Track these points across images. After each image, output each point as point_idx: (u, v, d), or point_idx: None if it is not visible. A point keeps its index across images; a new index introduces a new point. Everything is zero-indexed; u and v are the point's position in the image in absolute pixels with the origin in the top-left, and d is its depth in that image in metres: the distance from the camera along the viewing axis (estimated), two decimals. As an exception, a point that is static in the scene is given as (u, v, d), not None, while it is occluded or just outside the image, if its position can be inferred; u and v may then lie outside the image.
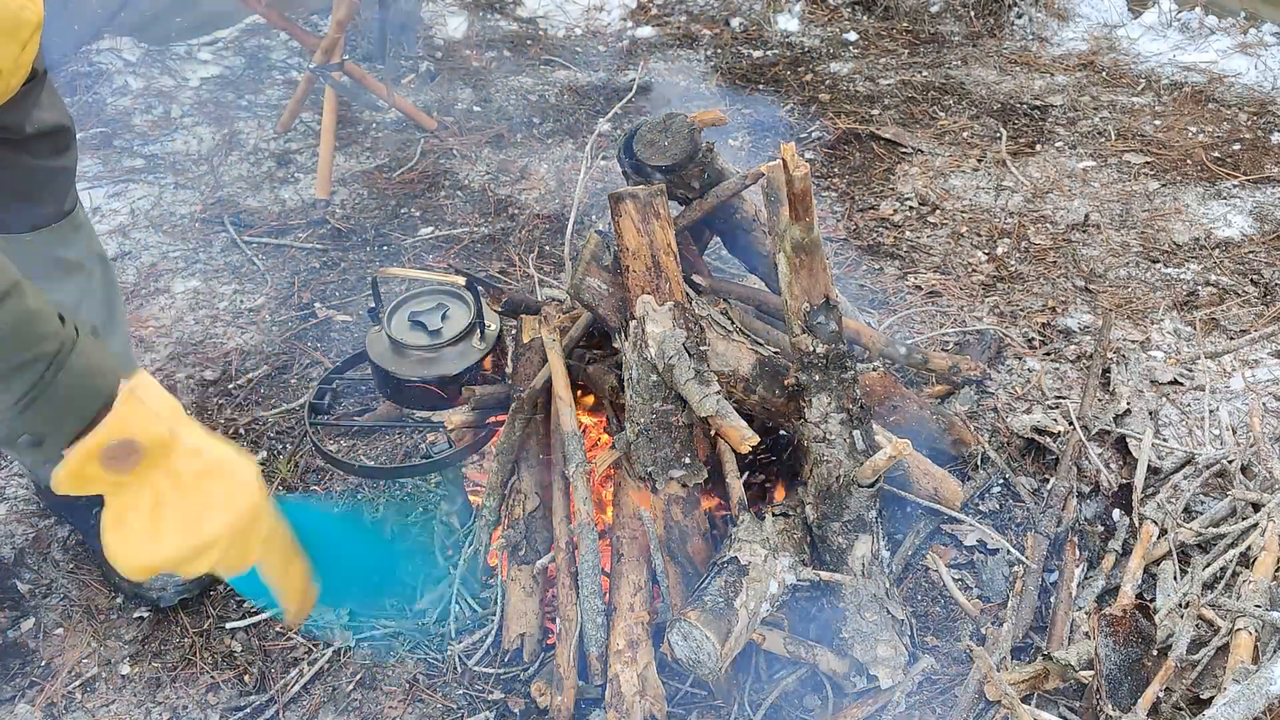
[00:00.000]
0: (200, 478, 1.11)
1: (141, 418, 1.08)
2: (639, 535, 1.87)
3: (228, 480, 1.14)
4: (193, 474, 1.11)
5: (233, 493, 1.13)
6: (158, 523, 1.10)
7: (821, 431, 1.78)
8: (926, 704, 1.80)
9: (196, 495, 1.11)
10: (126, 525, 1.10)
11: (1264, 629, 1.71)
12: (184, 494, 1.11)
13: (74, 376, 1.06)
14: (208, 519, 1.11)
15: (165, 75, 4.09)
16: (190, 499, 1.11)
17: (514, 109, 3.94)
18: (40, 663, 1.98)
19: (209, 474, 1.12)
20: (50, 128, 1.74)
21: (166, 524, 1.10)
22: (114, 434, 1.06)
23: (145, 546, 1.10)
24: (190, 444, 1.12)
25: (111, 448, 1.07)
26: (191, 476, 1.11)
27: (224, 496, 1.13)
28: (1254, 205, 3.20)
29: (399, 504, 2.16)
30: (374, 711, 1.87)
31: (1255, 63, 3.99)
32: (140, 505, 1.10)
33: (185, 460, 1.11)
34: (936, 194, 3.33)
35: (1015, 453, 2.31)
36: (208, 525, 1.11)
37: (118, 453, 1.07)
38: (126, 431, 1.07)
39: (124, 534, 1.10)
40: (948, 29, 4.51)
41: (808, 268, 1.75)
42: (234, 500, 1.13)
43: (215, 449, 1.14)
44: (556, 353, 2.02)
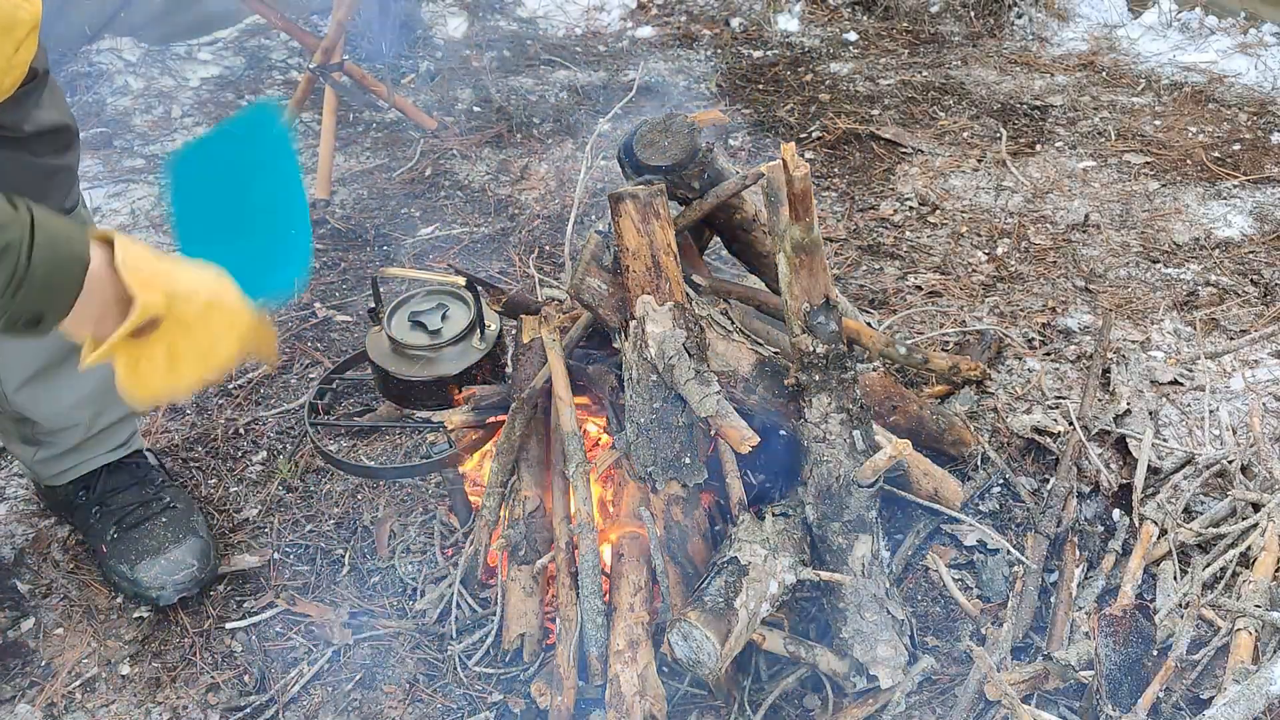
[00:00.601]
0: (203, 315, 1.24)
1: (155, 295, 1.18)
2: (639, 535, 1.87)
3: (224, 310, 1.26)
4: (196, 315, 1.23)
5: (231, 320, 1.27)
6: (175, 363, 1.23)
7: (821, 431, 1.78)
8: (926, 704, 1.80)
9: (205, 334, 1.24)
10: (142, 372, 1.22)
11: (1264, 629, 1.71)
12: (194, 336, 1.23)
13: (47, 254, 1.13)
14: (217, 350, 1.26)
15: (165, 75, 4.09)
16: (200, 339, 1.24)
17: (514, 109, 3.94)
18: (40, 663, 1.98)
19: (209, 309, 1.25)
20: (51, 127, 1.74)
21: (184, 363, 1.23)
22: (142, 319, 1.18)
23: (165, 383, 1.24)
24: (184, 288, 1.23)
25: (140, 328, 1.19)
26: (196, 318, 1.23)
27: (226, 325, 1.26)
28: (1254, 205, 3.20)
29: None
30: (374, 711, 1.88)
31: (1255, 63, 3.99)
32: (155, 355, 1.22)
33: (187, 305, 1.22)
34: (936, 194, 3.33)
35: (1015, 453, 2.31)
36: (217, 355, 1.26)
37: (143, 330, 1.19)
38: (150, 313, 1.18)
39: (141, 379, 1.22)
40: (948, 29, 4.51)
41: (808, 268, 1.75)
42: (233, 326, 1.27)
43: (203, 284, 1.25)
44: (556, 353, 2.02)
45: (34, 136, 1.71)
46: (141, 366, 1.22)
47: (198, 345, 1.23)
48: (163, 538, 2.05)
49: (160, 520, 2.07)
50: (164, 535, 2.05)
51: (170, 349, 1.22)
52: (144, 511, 2.08)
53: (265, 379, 2.64)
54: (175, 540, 2.05)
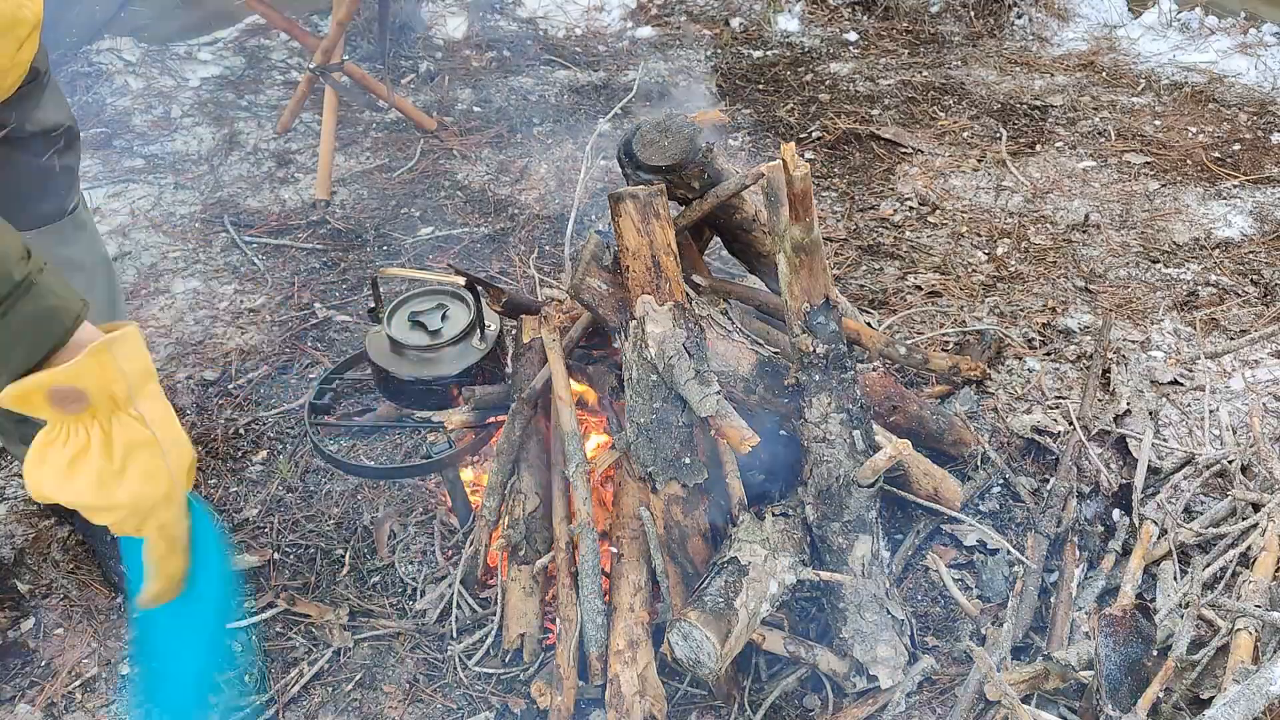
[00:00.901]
0: (130, 447, 1.16)
1: (100, 374, 1.12)
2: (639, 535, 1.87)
3: (153, 460, 1.18)
4: (125, 441, 1.16)
5: (152, 474, 1.18)
6: (74, 468, 1.15)
7: (821, 431, 1.78)
8: (926, 704, 1.80)
9: (119, 462, 1.15)
10: (48, 457, 1.15)
11: (1264, 629, 1.71)
12: (108, 456, 1.15)
13: (19, 321, 1.10)
14: (118, 486, 1.16)
15: (165, 75, 4.09)
16: (112, 463, 1.15)
17: (514, 109, 3.94)
18: (40, 663, 1.98)
19: (140, 447, 1.17)
20: (52, 127, 1.74)
21: (81, 473, 1.15)
22: (69, 379, 1.11)
23: (55, 482, 1.15)
24: (137, 412, 1.16)
25: (61, 390, 1.11)
26: (122, 443, 1.16)
27: (142, 473, 1.17)
28: (1254, 205, 3.20)
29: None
30: (374, 712, 1.87)
31: (1255, 63, 4.00)
32: (67, 445, 1.15)
33: (124, 426, 1.16)
34: (936, 194, 3.33)
35: (1015, 453, 2.31)
36: (115, 492, 1.16)
37: (65, 395, 1.12)
38: (80, 381, 1.11)
39: (43, 462, 1.15)
40: (948, 29, 4.51)
41: (808, 268, 1.75)
42: (149, 481, 1.18)
43: (160, 427, 1.18)
44: (556, 353, 2.02)
45: (35, 136, 1.71)
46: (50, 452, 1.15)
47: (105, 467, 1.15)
48: (162, 538, 2.04)
49: (160, 520, 2.07)
50: (164, 535, 2.04)
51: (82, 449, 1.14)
52: (144, 512, 2.08)
53: (265, 379, 2.64)
54: (175, 540, 2.04)
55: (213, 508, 2.27)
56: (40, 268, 1.13)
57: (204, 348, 2.75)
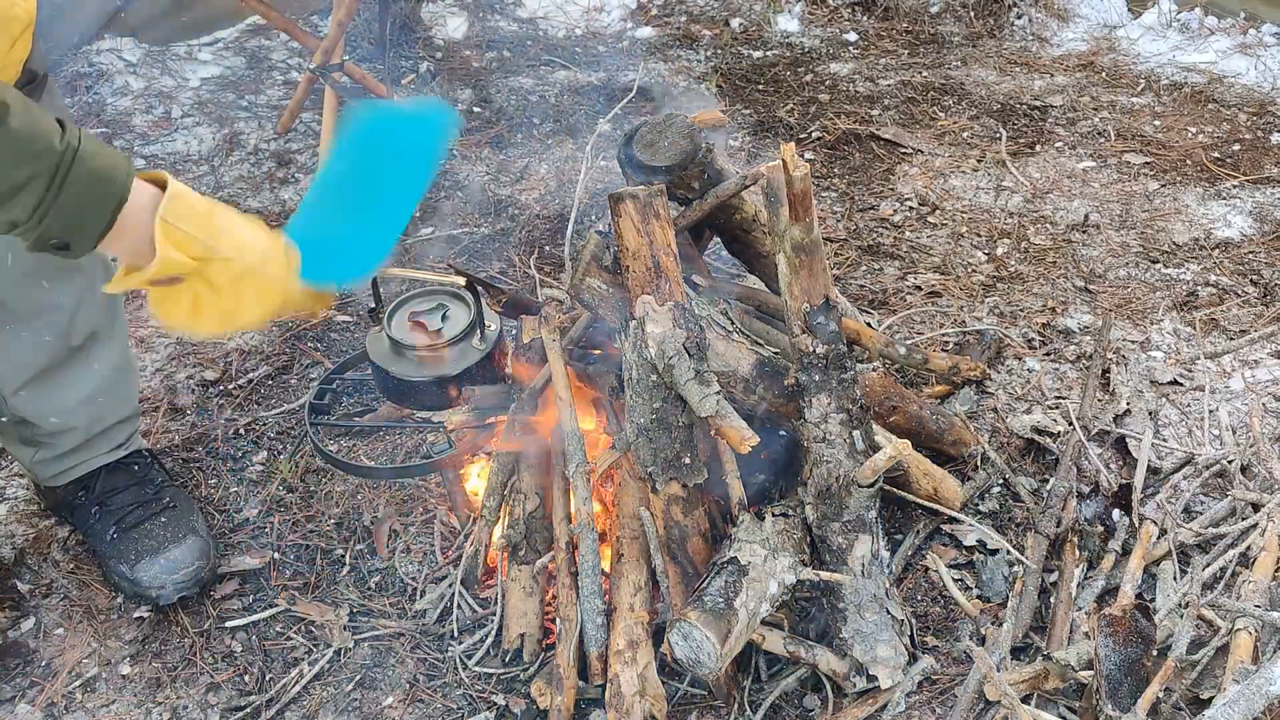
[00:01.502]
0: (232, 283, 1.30)
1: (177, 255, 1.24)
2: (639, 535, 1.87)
3: (257, 284, 1.31)
4: (226, 281, 1.29)
5: (261, 295, 1.32)
6: (196, 315, 1.31)
7: (821, 431, 1.78)
8: (926, 704, 1.80)
9: (229, 299, 1.30)
10: (168, 309, 1.31)
11: (1264, 629, 1.71)
12: (218, 298, 1.30)
13: (79, 187, 1.18)
14: (237, 316, 1.33)
15: (165, 75, 4.09)
16: (223, 302, 1.30)
17: (514, 109, 3.94)
18: (40, 663, 1.98)
19: (241, 279, 1.30)
20: None
21: (204, 317, 1.31)
22: (157, 275, 1.23)
23: (187, 325, 1.32)
24: (224, 253, 1.28)
25: (160, 279, 1.25)
26: (225, 283, 1.29)
27: (253, 298, 1.32)
28: (1254, 205, 3.20)
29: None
30: (374, 712, 1.88)
31: (1255, 63, 4.00)
32: (181, 300, 1.30)
33: (219, 270, 1.28)
34: (936, 194, 3.33)
35: (1015, 453, 2.31)
36: (240, 319, 1.34)
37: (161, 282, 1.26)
38: (167, 272, 1.24)
39: (168, 316, 1.32)
40: (947, 29, 4.51)
41: (808, 268, 1.75)
42: (261, 301, 1.33)
43: (247, 253, 1.30)
44: (556, 353, 2.02)
45: None
46: (167, 304, 1.30)
47: (221, 306, 1.30)
48: (162, 537, 2.05)
49: (160, 520, 2.07)
50: (164, 535, 2.05)
51: (195, 301, 1.29)
52: (143, 511, 2.08)
53: (265, 379, 2.64)
54: (175, 540, 2.05)
55: (211, 508, 2.28)
56: (79, 135, 1.19)
57: (204, 348, 2.75)
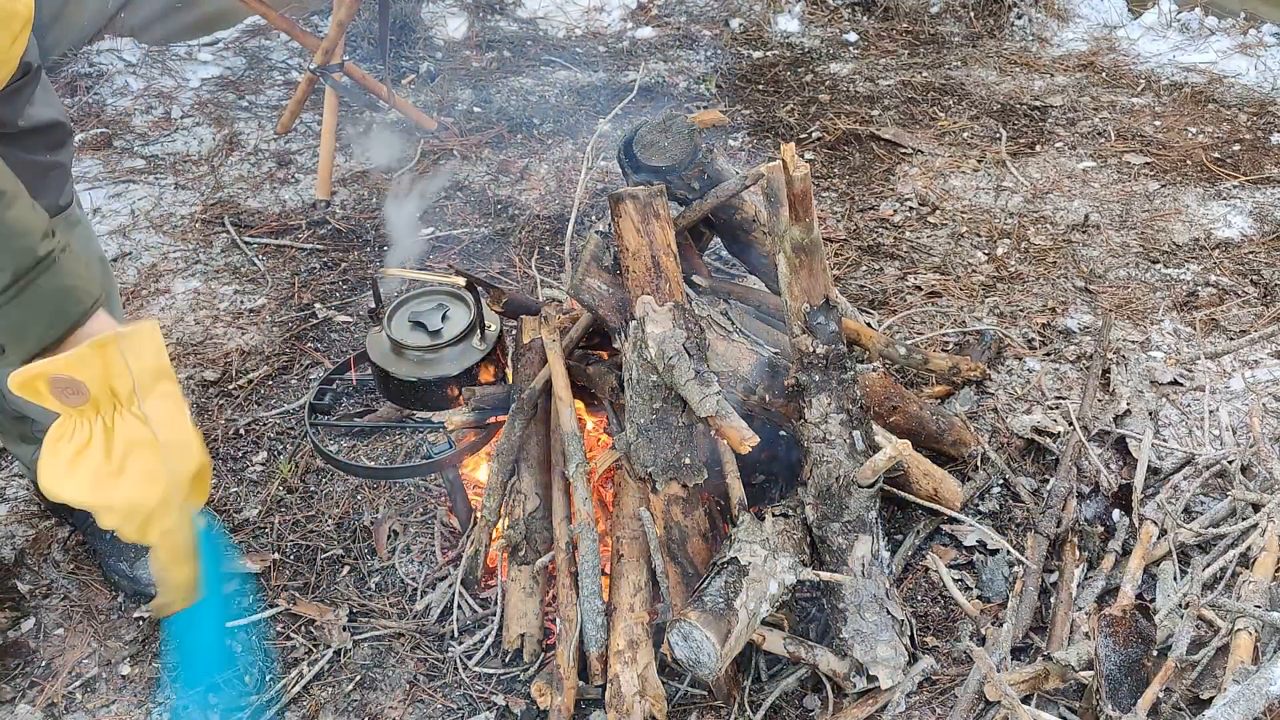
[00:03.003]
0: (131, 447, 1.15)
1: (102, 368, 1.11)
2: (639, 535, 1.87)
3: (151, 462, 1.16)
4: (126, 440, 1.14)
5: (149, 475, 1.16)
6: (76, 464, 1.14)
7: (821, 432, 1.78)
8: (926, 704, 1.80)
9: (117, 461, 1.14)
10: (56, 451, 1.15)
11: (1264, 629, 1.71)
12: (108, 454, 1.14)
13: (39, 297, 1.10)
14: (115, 487, 1.14)
15: (165, 76, 4.09)
16: (110, 462, 1.14)
17: (514, 109, 3.94)
18: (41, 663, 1.98)
19: (139, 447, 1.15)
20: (45, 123, 1.74)
21: (81, 470, 1.14)
22: (66, 369, 1.10)
23: (59, 477, 1.15)
24: (142, 412, 1.15)
25: (60, 380, 1.10)
26: (124, 442, 1.14)
27: (140, 474, 1.15)
28: (1254, 206, 3.20)
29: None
30: (374, 712, 1.88)
31: (1255, 63, 4.00)
32: (72, 439, 1.14)
33: (127, 425, 1.14)
34: (936, 194, 3.33)
35: (1015, 453, 2.31)
36: (113, 492, 1.14)
37: (65, 386, 1.11)
38: (78, 373, 1.10)
39: (52, 455, 1.15)
40: (947, 30, 4.51)
41: (808, 268, 1.76)
42: (147, 483, 1.16)
43: (166, 429, 1.17)
44: (556, 353, 2.02)
45: (28, 132, 1.71)
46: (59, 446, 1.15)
47: (104, 465, 1.14)
48: (162, 537, 2.04)
49: (160, 520, 2.07)
50: (164, 535, 2.04)
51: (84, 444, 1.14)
52: (143, 511, 2.08)
53: (265, 379, 2.64)
54: (175, 540, 2.04)
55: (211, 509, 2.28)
56: (63, 248, 1.13)
57: (204, 348, 2.75)
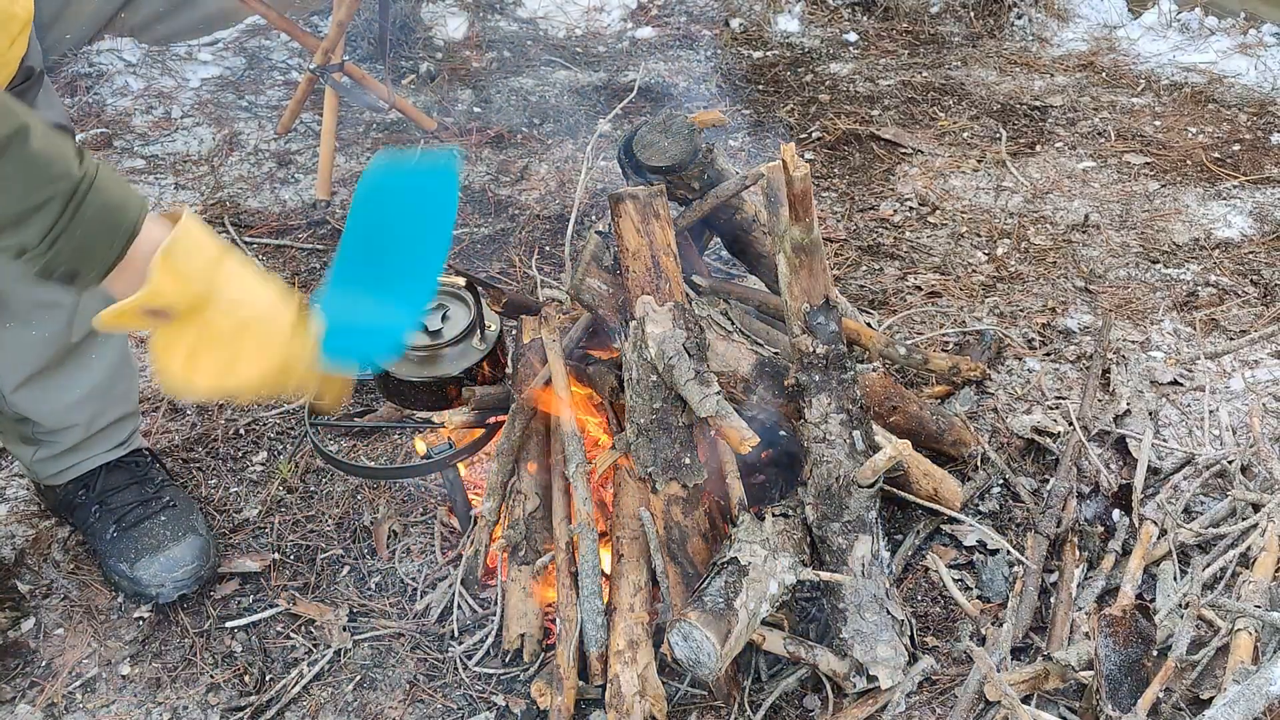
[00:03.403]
0: (233, 333, 1.23)
1: (172, 286, 1.18)
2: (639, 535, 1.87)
3: (258, 337, 1.24)
4: (226, 329, 1.22)
5: (262, 349, 1.24)
6: (193, 364, 1.23)
7: (821, 432, 1.78)
8: (926, 704, 1.80)
9: (227, 349, 1.23)
10: (167, 359, 1.23)
11: (1264, 629, 1.71)
12: (216, 347, 1.23)
13: (92, 214, 1.14)
14: (236, 370, 1.24)
15: (165, 76, 4.09)
16: (221, 352, 1.23)
17: (514, 109, 3.94)
18: (40, 663, 1.98)
19: (241, 330, 1.23)
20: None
21: (200, 368, 1.23)
22: (147, 303, 1.17)
23: (182, 380, 1.24)
24: (227, 298, 1.22)
25: (149, 310, 1.18)
26: (224, 331, 1.22)
27: (254, 352, 1.24)
28: (1254, 206, 3.20)
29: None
30: (374, 712, 1.88)
31: (1255, 63, 4.00)
32: (178, 346, 1.23)
33: (220, 316, 1.22)
34: (936, 194, 3.33)
35: (1015, 453, 2.31)
36: (236, 376, 1.24)
37: (155, 312, 1.19)
38: (158, 301, 1.18)
39: (165, 364, 1.24)
40: (947, 30, 4.51)
41: (808, 268, 1.76)
42: (262, 356, 1.25)
43: (252, 303, 1.24)
44: (556, 353, 2.02)
45: None
46: (168, 354, 1.23)
47: (218, 356, 1.23)
48: (162, 536, 2.05)
49: (160, 519, 2.07)
50: (163, 533, 2.05)
51: (191, 349, 1.22)
52: (143, 510, 2.08)
53: (265, 379, 2.64)
54: (175, 538, 2.05)
55: (211, 509, 2.28)
56: (97, 165, 1.17)
57: (204, 348, 2.75)
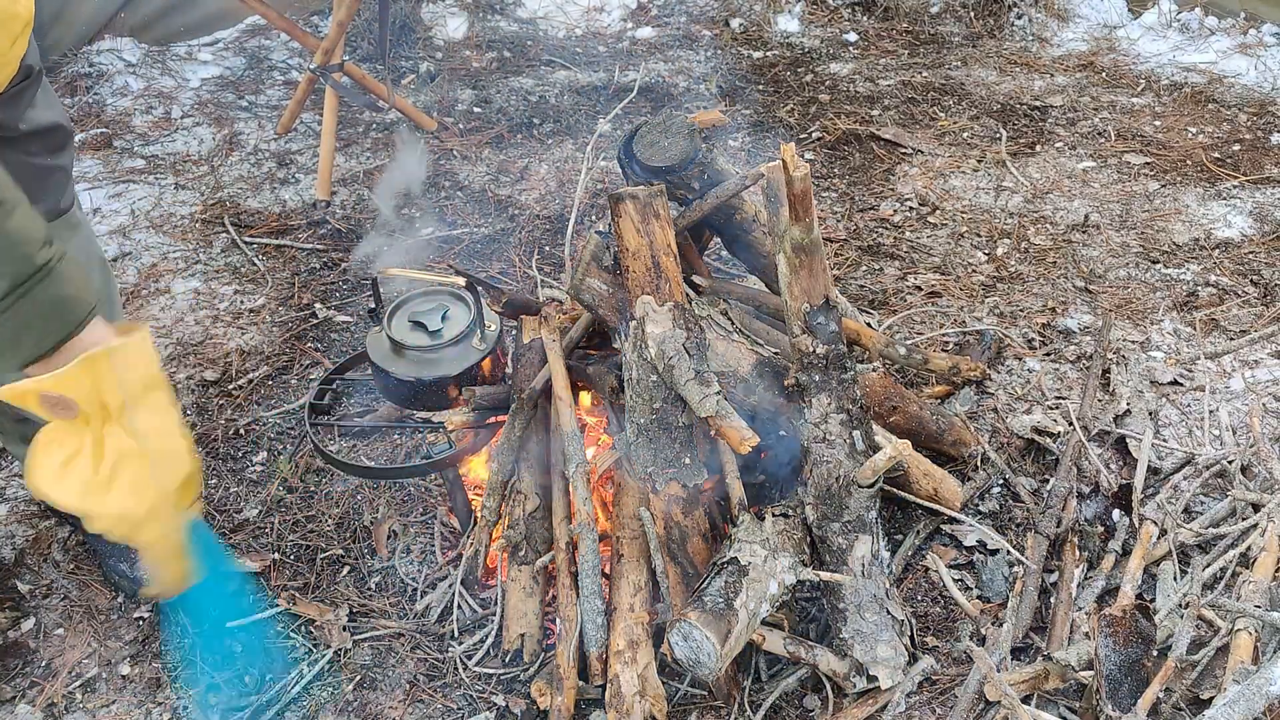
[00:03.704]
0: (120, 458, 1.18)
1: (92, 384, 1.14)
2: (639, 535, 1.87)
3: (141, 475, 1.20)
4: (116, 452, 1.18)
5: (137, 487, 1.20)
6: (66, 472, 1.18)
7: (821, 432, 1.78)
8: (926, 704, 1.80)
9: (106, 472, 1.18)
10: (45, 457, 1.18)
11: (1264, 629, 1.71)
12: (96, 466, 1.17)
13: (38, 305, 1.11)
14: (104, 497, 1.19)
15: (165, 76, 4.09)
16: (99, 473, 1.18)
17: (514, 109, 3.94)
18: (41, 663, 1.98)
19: (129, 459, 1.19)
20: (46, 126, 1.74)
21: (71, 478, 1.18)
22: (56, 388, 1.13)
23: (48, 482, 1.18)
24: (140, 424, 1.18)
25: (50, 396, 1.13)
26: (113, 454, 1.18)
27: (128, 486, 1.19)
28: (1254, 206, 3.20)
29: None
30: (374, 712, 1.88)
31: (1255, 63, 4.00)
32: (62, 447, 1.17)
33: (116, 438, 1.18)
34: (936, 194, 3.33)
35: (1015, 453, 2.31)
36: (101, 502, 1.19)
37: (55, 402, 1.14)
38: (68, 391, 1.13)
39: (41, 460, 1.18)
40: (947, 30, 4.51)
41: (808, 268, 1.75)
42: (135, 494, 1.20)
43: (155, 439, 1.20)
44: (556, 353, 2.02)
45: (29, 135, 1.71)
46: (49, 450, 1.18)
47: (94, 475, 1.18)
48: (163, 537, 2.05)
49: (160, 520, 2.07)
50: (164, 535, 2.05)
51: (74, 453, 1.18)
52: (144, 511, 2.08)
53: (265, 379, 2.64)
54: (175, 540, 2.04)
55: (211, 509, 2.28)
56: (60, 256, 1.14)
57: (204, 348, 2.75)
